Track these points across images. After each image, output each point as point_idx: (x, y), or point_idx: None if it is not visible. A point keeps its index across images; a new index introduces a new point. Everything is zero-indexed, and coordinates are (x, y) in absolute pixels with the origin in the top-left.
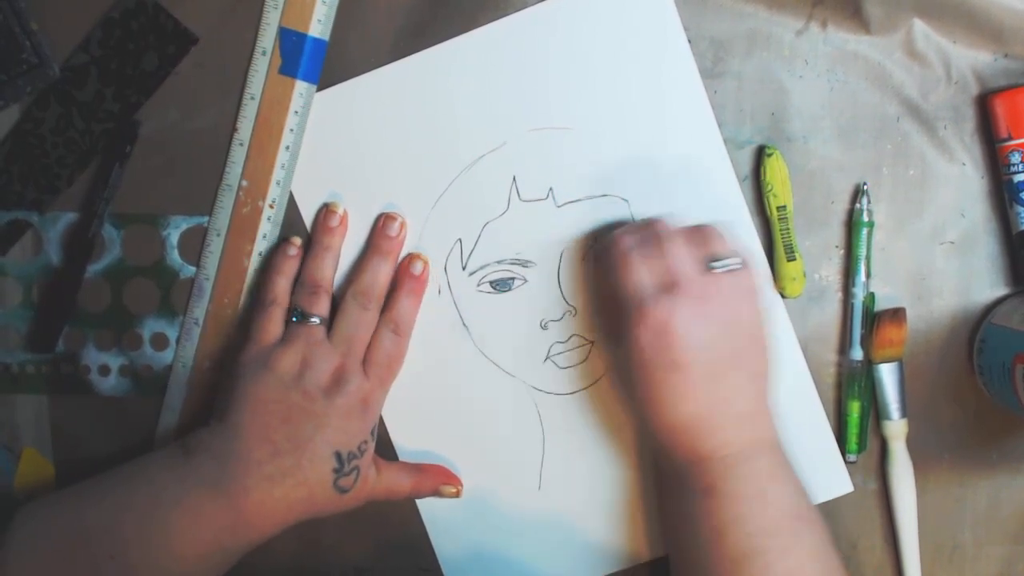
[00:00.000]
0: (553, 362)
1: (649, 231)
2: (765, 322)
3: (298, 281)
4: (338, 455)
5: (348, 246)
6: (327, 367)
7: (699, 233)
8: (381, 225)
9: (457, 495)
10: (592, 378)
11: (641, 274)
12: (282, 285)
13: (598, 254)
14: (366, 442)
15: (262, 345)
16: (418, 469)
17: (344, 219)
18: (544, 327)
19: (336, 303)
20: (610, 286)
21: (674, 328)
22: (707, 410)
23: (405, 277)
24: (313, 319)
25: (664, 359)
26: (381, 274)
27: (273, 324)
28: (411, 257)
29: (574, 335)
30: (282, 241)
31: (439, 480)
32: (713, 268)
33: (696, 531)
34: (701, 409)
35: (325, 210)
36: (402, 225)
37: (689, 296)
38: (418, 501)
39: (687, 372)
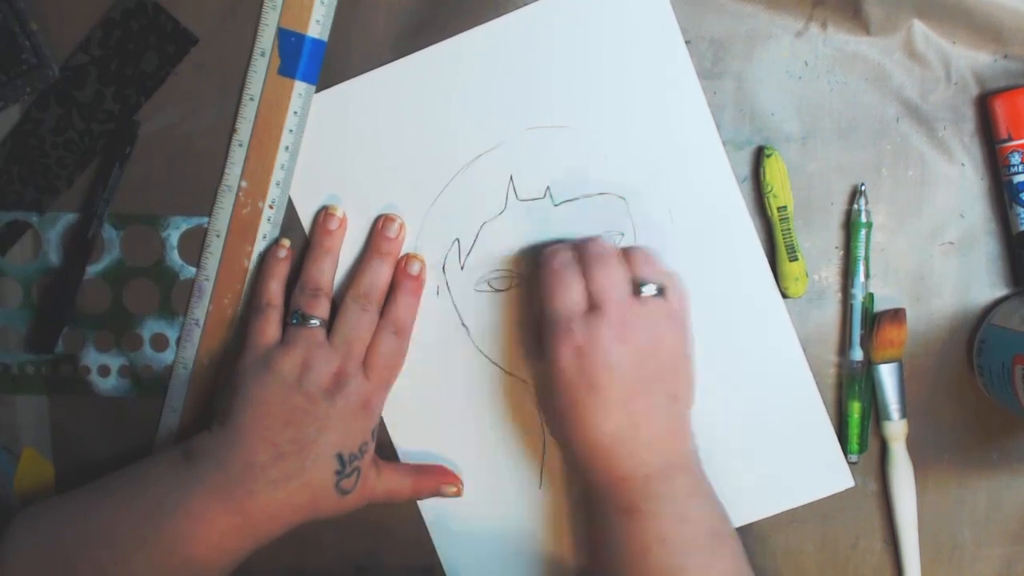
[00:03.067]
0: None
1: (583, 250)
2: (688, 346)
3: (298, 284)
4: (340, 457)
5: (347, 247)
6: (328, 369)
7: (631, 255)
8: (380, 226)
9: (458, 494)
10: None
11: (570, 293)
12: (275, 288)
13: (532, 268)
14: (367, 443)
15: (261, 348)
16: (418, 469)
17: (343, 222)
18: None
19: (335, 305)
20: (539, 300)
21: (594, 350)
22: (624, 430)
23: (403, 277)
24: (313, 321)
25: (583, 380)
26: (380, 275)
27: (270, 327)
28: (408, 257)
29: None
30: (272, 244)
31: (440, 480)
32: (641, 292)
33: (619, 550)
34: (618, 429)
35: (324, 213)
36: (401, 226)
37: (612, 319)
38: (419, 500)
39: (605, 393)
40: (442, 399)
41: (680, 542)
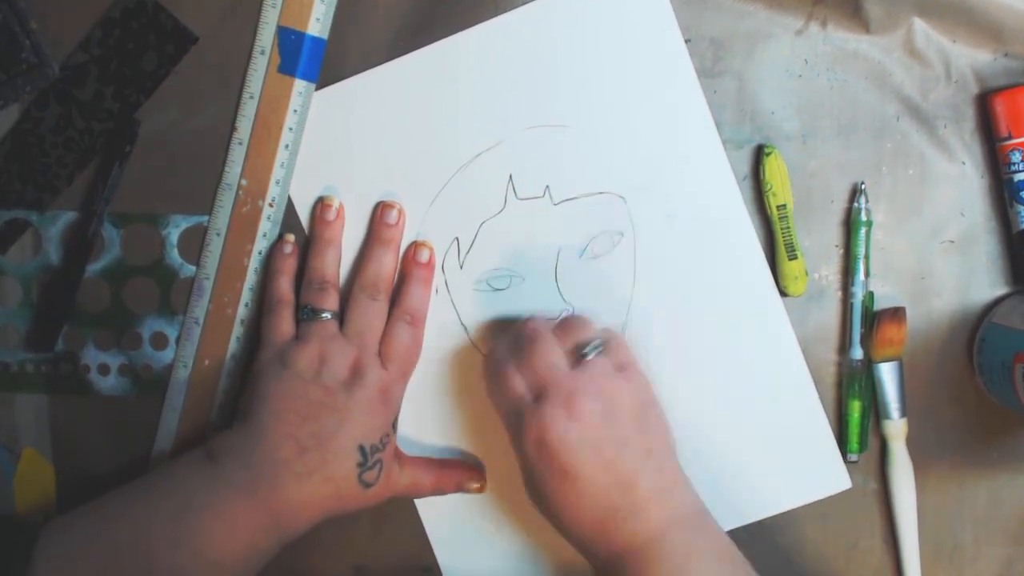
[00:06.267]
0: None
1: (518, 335)
2: (647, 393)
3: (304, 280)
4: (361, 449)
5: (350, 243)
6: (344, 361)
7: (565, 326)
8: (379, 214)
9: (481, 490)
10: None
11: (514, 384)
12: (285, 284)
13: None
14: (388, 435)
15: (276, 345)
16: (441, 464)
17: (340, 211)
18: None
19: (345, 299)
20: (493, 400)
21: (551, 437)
22: (610, 505)
23: (412, 266)
24: (324, 314)
25: (552, 469)
26: (385, 263)
27: (284, 323)
28: (416, 245)
29: None
30: (277, 241)
31: (462, 475)
32: (583, 357)
33: None
34: (603, 506)
35: (320, 204)
36: (400, 212)
37: (559, 398)
38: (416, 500)
39: (577, 476)
40: (440, 398)
41: None
